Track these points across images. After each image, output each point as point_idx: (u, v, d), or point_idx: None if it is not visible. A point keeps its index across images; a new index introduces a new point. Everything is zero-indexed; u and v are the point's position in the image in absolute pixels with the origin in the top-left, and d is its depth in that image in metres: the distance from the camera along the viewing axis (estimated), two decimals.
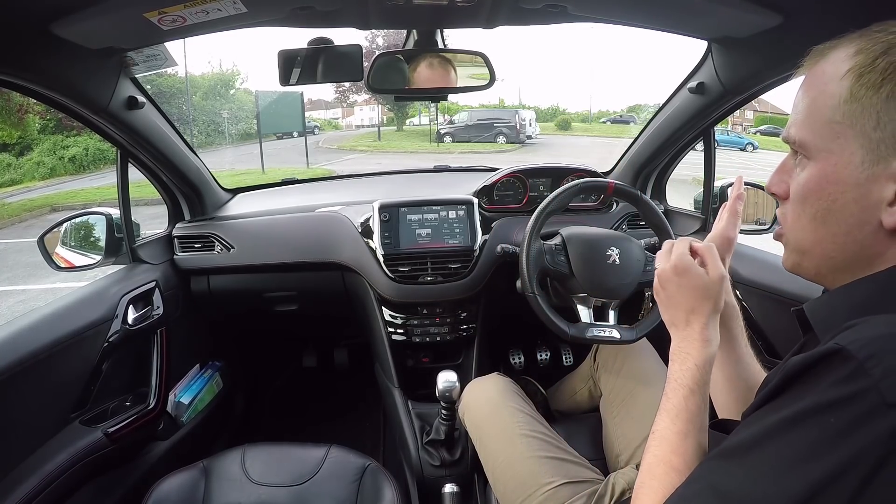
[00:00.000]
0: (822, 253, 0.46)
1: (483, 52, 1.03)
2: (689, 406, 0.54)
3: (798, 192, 0.46)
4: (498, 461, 0.89)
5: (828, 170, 0.43)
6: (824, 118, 0.43)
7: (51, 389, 0.98)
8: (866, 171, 0.41)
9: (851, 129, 0.41)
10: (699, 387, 0.55)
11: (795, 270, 0.50)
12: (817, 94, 0.44)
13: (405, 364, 1.41)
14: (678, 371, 0.56)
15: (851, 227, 0.43)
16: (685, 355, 0.57)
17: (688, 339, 0.58)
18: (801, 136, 0.45)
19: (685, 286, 0.59)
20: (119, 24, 0.81)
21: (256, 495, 0.91)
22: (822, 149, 0.43)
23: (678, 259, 0.60)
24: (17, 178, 11.43)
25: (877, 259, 0.43)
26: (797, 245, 0.49)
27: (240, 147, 14.11)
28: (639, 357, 1.04)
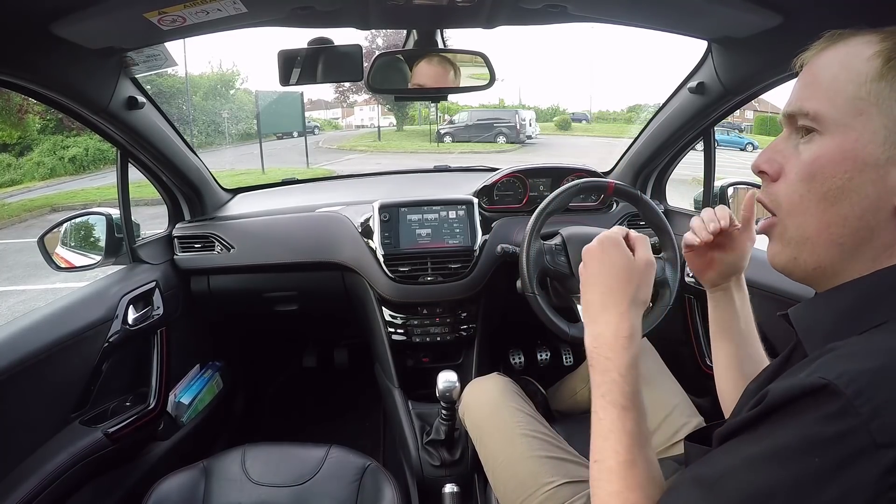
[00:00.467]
0: (830, 239, 0.42)
1: (483, 52, 1.03)
2: (627, 426, 0.49)
3: (805, 168, 0.43)
4: (498, 461, 0.89)
5: (846, 145, 0.41)
6: (847, 94, 0.41)
7: (51, 389, 0.98)
8: (887, 152, 0.39)
9: (877, 107, 0.40)
10: (630, 400, 0.50)
11: (789, 268, 0.46)
12: (839, 71, 0.42)
13: (405, 364, 1.41)
14: (602, 384, 0.51)
15: (865, 209, 0.40)
16: (604, 361, 0.52)
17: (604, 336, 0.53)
18: (817, 108, 0.42)
19: (607, 263, 0.55)
20: (119, 24, 0.81)
21: (256, 495, 0.91)
22: (841, 123, 0.41)
23: (606, 235, 0.57)
24: (17, 179, 11.43)
25: (885, 251, 0.41)
26: (799, 232, 0.44)
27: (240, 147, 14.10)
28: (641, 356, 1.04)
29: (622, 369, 0.51)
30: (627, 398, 0.50)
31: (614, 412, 0.49)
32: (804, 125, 0.43)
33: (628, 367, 0.51)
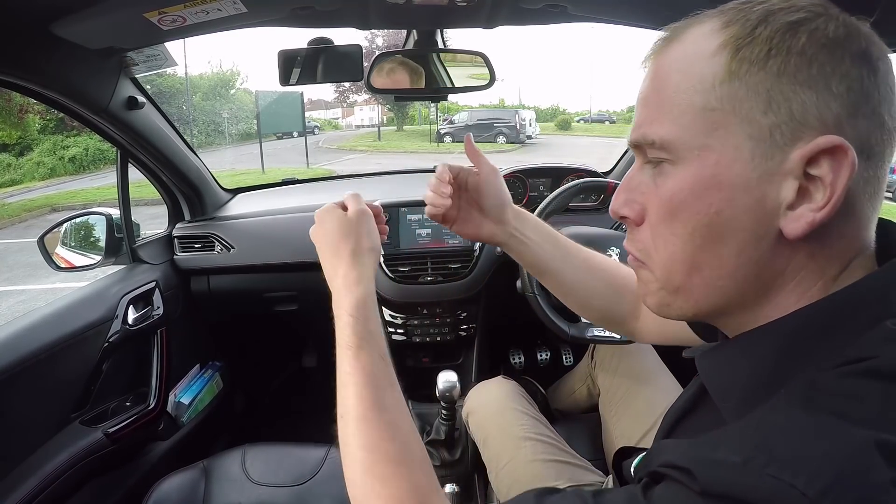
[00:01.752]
0: (706, 284, 0.35)
1: (483, 52, 1.03)
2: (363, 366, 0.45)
3: (664, 207, 0.35)
4: (502, 464, 0.89)
5: (705, 172, 0.33)
6: (694, 106, 0.33)
7: (51, 389, 0.98)
8: (758, 167, 0.31)
9: (734, 115, 0.32)
10: (363, 338, 0.47)
11: (663, 313, 0.39)
12: (680, 80, 0.34)
13: (405, 364, 1.41)
14: (338, 332, 0.49)
15: (744, 244, 0.33)
16: (338, 311, 0.50)
17: (335, 288, 0.52)
18: (662, 135, 0.34)
19: (326, 232, 0.55)
20: (119, 24, 0.81)
21: (256, 495, 0.91)
22: (694, 146, 0.33)
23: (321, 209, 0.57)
24: (17, 179, 11.44)
25: (776, 280, 0.34)
26: (667, 279, 0.37)
27: (240, 147, 14.12)
28: (636, 355, 1.04)
29: (352, 309, 0.49)
30: (361, 337, 0.47)
31: (349, 353, 0.46)
32: (654, 156, 0.36)
33: (358, 307, 0.49)
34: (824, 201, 0.30)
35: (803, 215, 0.31)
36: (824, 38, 0.31)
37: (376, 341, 0.48)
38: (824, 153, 0.30)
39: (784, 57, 0.31)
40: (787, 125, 0.31)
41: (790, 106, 0.31)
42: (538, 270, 0.67)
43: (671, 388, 0.97)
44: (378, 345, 0.48)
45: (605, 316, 0.69)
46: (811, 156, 0.30)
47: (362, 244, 0.54)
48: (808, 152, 0.30)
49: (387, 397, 0.45)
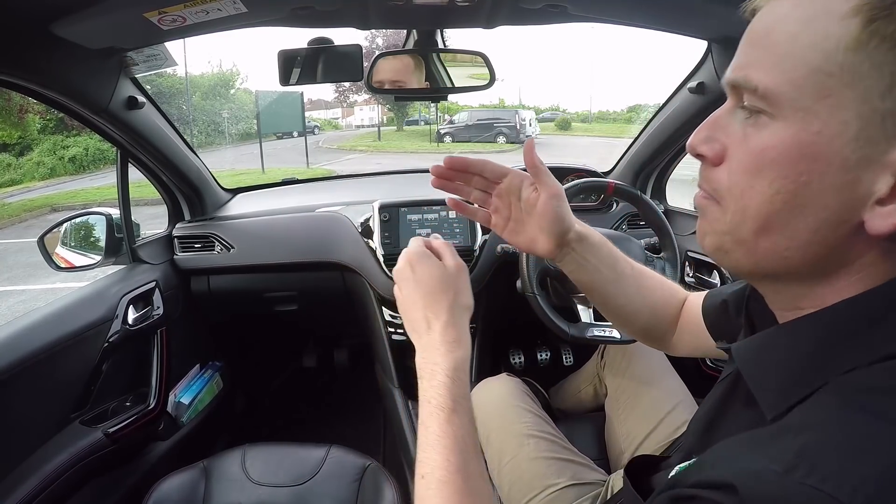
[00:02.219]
0: (772, 249, 0.33)
1: (483, 52, 1.03)
2: (455, 431, 0.44)
3: (751, 159, 0.33)
4: (504, 461, 0.89)
5: (804, 137, 0.30)
6: (811, 64, 0.30)
7: (51, 389, 0.98)
8: (860, 150, 0.29)
9: (850, 88, 0.29)
10: (458, 402, 0.46)
11: (717, 257, 0.37)
12: (801, 29, 0.30)
13: (405, 364, 1.41)
14: (429, 389, 0.47)
15: (822, 223, 0.31)
16: (432, 367, 0.47)
17: (430, 344, 0.49)
18: (768, 83, 0.31)
19: (421, 280, 0.51)
20: (119, 24, 0.81)
21: (256, 495, 0.91)
22: (799, 106, 0.30)
23: (411, 252, 0.53)
24: (17, 178, 11.44)
25: (842, 268, 0.32)
26: (736, 230, 0.35)
27: (240, 147, 14.12)
28: (645, 357, 1.04)
29: (450, 371, 0.47)
30: (455, 399, 0.45)
31: (442, 416, 0.45)
32: (751, 104, 0.33)
33: (456, 370, 0.47)
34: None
35: (892, 214, 0.29)
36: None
37: (468, 403, 0.47)
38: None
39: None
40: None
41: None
42: (588, 289, 0.65)
43: (677, 390, 0.97)
44: (469, 407, 0.47)
45: (646, 332, 0.69)
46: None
47: (461, 300, 0.51)
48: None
49: (471, 464, 0.44)
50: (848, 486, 0.24)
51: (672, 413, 0.92)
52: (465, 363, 0.48)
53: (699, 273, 1.25)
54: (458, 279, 0.52)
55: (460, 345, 0.49)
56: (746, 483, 0.26)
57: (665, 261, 1.12)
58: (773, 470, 0.26)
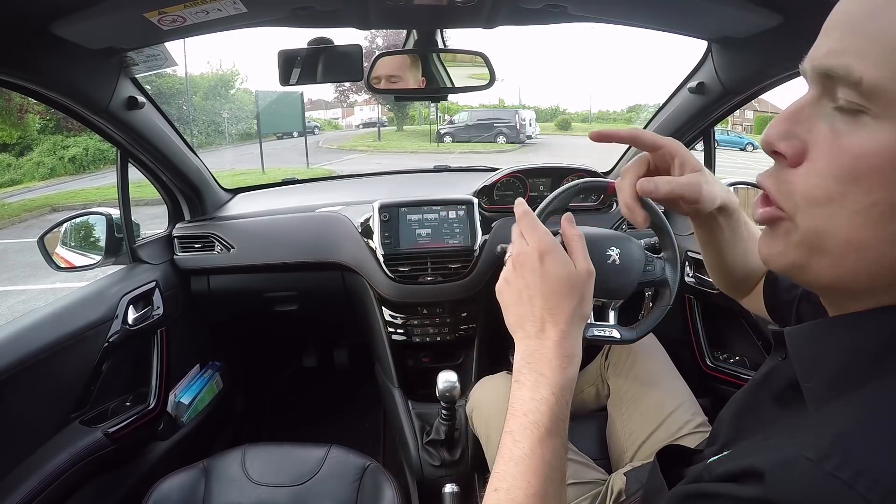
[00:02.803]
0: (860, 263, 0.30)
1: (483, 52, 1.03)
2: (545, 453, 0.41)
3: (845, 163, 0.29)
4: None
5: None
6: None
7: (51, 389, 0.98)
8: None
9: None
10: (557, 424, 0.42)
11: (792, 272, 0.34)
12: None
13: (405, 364, 1.41)
14: (528, 402, 0.43)
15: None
16: (538, 377, 0.43)
17: (540, 351, 0.45)
18: (875, 76, 0.27)
19: (548, 275, 0.45)
20: (119, 24, 0.81)
21: (256, 495, 0.91)
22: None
23: (544, 239, 0.47)
24: (17, 178, 11.44)
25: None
26: (816, 242, 0.31)
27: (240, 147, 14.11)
28: (649, 358, 1.05)
29: (556, 389, 0.43)
30: (554, 421, 0.42)
31: (536, 434, 0.41)
32: (849, 100, 0.28)
33: (563, 389, 0.43)
34: None
35: None
36: None
37: (565, 426, 0.43)
38: None
39: None
40: None
41: None
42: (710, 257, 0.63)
43: (680, 391, 0.97)
44: (564, 431, 0.43)
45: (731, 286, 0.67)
46: None
47: (583, 309, 0.46)
48: None
49: (551, 492, 0.41)
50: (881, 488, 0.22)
51: (674, 413, 0.92)
52: (573, 382, 0.44)
53: (699, 273, 1.25)
54: (585, 286, 0.47)
55: (573, 361, 0.45)
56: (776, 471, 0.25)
57: (665, 261, 1.12)
58: (807, 458, 0.24)
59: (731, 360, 1.24)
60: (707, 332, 1.28)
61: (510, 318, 0.48)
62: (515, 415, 0.43)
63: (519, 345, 0.47)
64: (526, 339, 0.46)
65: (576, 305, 0.46)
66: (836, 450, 0.24)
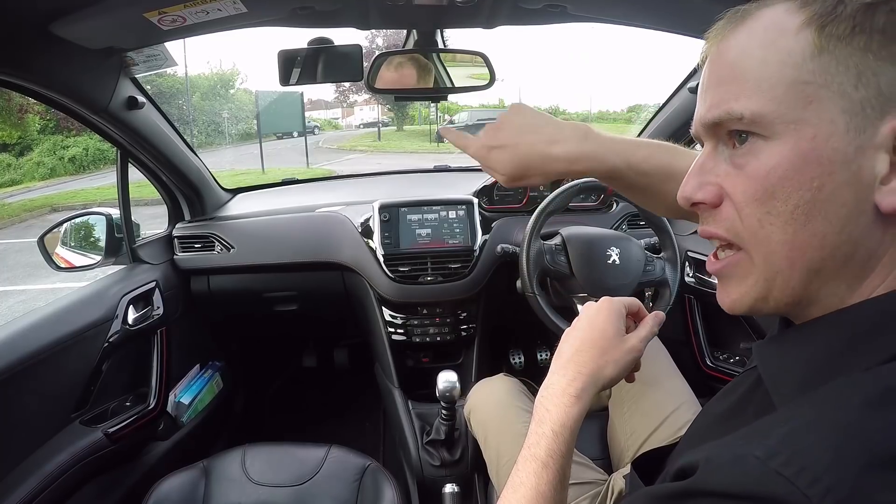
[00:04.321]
0: (806, 266, 0.34)
1: (483, 52, 1.03)
2: (541, 486, 0.45)
3: (759, 186, 0.34)
4: (503, 461, 0.89)
5: (803, 146, 0.32)
6: (786, 80, 0.32)
7: (51, 389, 0.98)
8: (853, 141, 0.31)
9: (827, 89, 0.31)
10: (554, 459, 0.46)
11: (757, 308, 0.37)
12: (765, 54, 0.33)
13: (405, 364, 1.41)
14: (533, 434, 0.48)
15: (846, 220, 0.32)
16: (544, 413, 0.49)
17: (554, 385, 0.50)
18: (753, 108, 0.33)
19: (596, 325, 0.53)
20: (119, 24, 0.81)
21: (256, 495, 0.91)
22: (790, 119, 0.32)
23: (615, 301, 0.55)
24: (17, 179, 11.44)
25: (869, 261, 0.33)
26: (767, 263, 0.35)
27: (240, 147, 14.11)
28: (650, 358, 1.04)
29: (556, 426, 0.47)
30: (551, 456, 0.46)
31: (533, 466, 0.46)
32: (738, 130, 0.35)
33: (563, 426, 0.47)
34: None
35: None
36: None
37: (563, 462, 0.47)
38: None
39: (868, 35, 0.31)
40: (877, 99, 0.31)
41: (878, 81, 0.31)
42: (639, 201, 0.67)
43: (681, 391, 0.97)
44: (563, 466, 0.47)
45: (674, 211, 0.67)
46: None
47: (606, 372, 0.50)
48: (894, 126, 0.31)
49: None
50: (822, 485, 0.24)
51: (675, 413, 0.92)
52: (575, 422, 0.48)
53: (699, 273, 1.25)
54: (624, 356, 0.51)
55: (578, 402, 0.48)
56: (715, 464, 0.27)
57: (665, 261, 1.12)
58: (755, 455, 0.26)
59: (731, 360, 1.24)
60: (707, 332, 1.28)
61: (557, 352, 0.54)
62: (525, 445, 0.48)
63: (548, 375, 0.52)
64: (551, 373, 0.52)
65: (601, 366, 0.50)
66: (783, 448, 0.26)
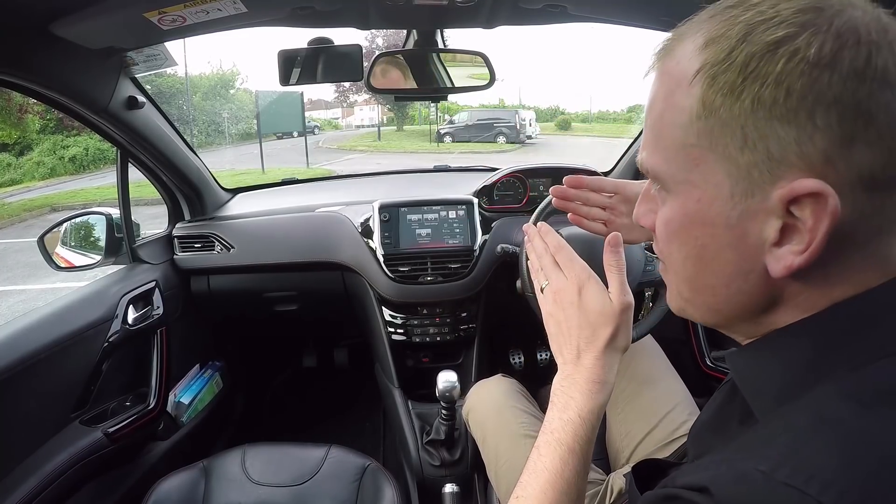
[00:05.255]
0: (705, 304, 0.36)
1: (483, 52, 1.03)
2: (566, 472, 0.44)
3: (662, 230, 0.36)
4: (501, 462, 0.89)
5: (690, 207, 0.33)
6: (677, 141, 0.32)
7: (51, 389, 0.98)
8: (738, 205, 0.31)
9: (711, 152, 0.31)
10: (581, 445, 0.45)
11: (683, 314, 0.40)
12: (664, 109, 0.33)
13: (405, 364, 1.41)
14: (557, 420, 0.47)
15: (731, 276, 0.33)
16: (567, 400, 0.47)
17: (574, 376, 0.48)
18: (652, 165, 0.35)
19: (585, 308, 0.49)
20: (119, 24, 0.81)
21: (256, 495, 0.91)
22: (679, 181, 0.33)
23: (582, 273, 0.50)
24: (17, 178, 11.43)
25: (774, 304, 0.33)
26: (678, 289, 0.39)
27: (240, 147, 14.10)
28: (647, 357, 1.05)
29: (584, 412, 0.46)
30: (578, 441, 0.45)
31: (559, 451, 0.45)
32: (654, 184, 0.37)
33: (591, 413, 0.46)
34: (804, 245, 0.29)
35: (784, 257, 0.30)
36: (804, 62, 0.27)
37: (588, 448, 0.46)
38: (805, 196, 0.28)
39: (759, 88, 0.28)
40: (765, 164, 0.29)
41: (766, 144, 0.28)
42: None
43: (677, 391, 0.97)
44: (589, 453, 0.46)
45: None
46: (791, 198, 0.28)
47: (618, 341, 0.49)
48: (787, 195, 0.28)
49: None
50: (834, 490, 0.23)
51: (671, 413, 0.92)
52: (601, 409, 0.47)
53: None
54: (621, 316, 0.49)
55: (603, 388, 0.47)
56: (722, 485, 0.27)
57: None
58: (760, 470, 0.26)
59: None
60: (707, 332, 1.28)
61: (553, 345, 0.52)
62: (544, 432, 0.48)
63: (559, 369, 0.50)
64: (564, 364, 0.50)
65: (611, 335, 0.48)
66: (786, 459, 0.25)
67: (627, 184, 0.66)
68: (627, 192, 0.65)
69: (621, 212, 0.66)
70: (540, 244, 0.55)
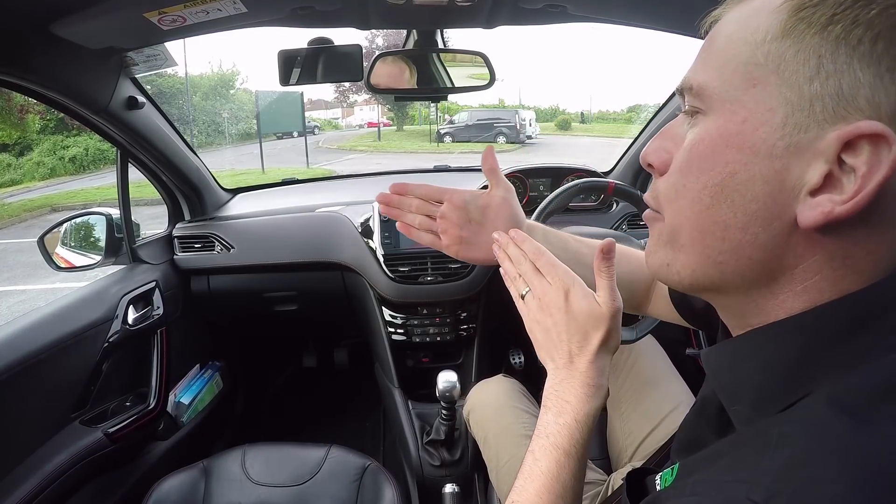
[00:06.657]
0: (705, 253, 0.33)
1: (483, 52, 1.03)
2: (563, 476, 0.43)
3: (683, 156, 0.33)
4: (502, 462, 0.90)
5: (731, 128, 0.30)
6: (739, 58, 0.30)
7: (51, 389, 0.98)
8: (787, 137, 0.28)
9: (776, 74, 0.29)
10: (577, 448, 0.45)
11: (662, 274, 0.37)
12: (735, 30, 0.31)
13: (405, 364, 1.41)
14: (552, 425, 0.46)
15: (751, 217, 0.30)
16: (563, 404, 0.46)
17: (568, 381, 0.47)
18: (700, 81, 0.32)
19: (573, 313, 0.47)
20: (119, 24, 0.81)
21: (256, 495, 0.91)
22: (727, 98, 0.31)
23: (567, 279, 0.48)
24: (17, 179, 11.44)
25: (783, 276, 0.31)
26: (673, 232, 0.35)
27: (240, 147, 14.11)
28: (649, 358, 1.04)
29: (580, 416, 0.45)
30: (575, 445, 0.44)
31: (555, 455, 0.44)
32: (690, 104, 0.34)
33: (587, 416, 0.45)
34: (851, 194, 0.27)
35: (821, 204, 0.28)
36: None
37: (584, 452, 0.45)
38: (865, 139, 0.26)
39: (849, 25, 0.26)
40: (832, 99, 0.27)
41: (840, 80, 0.27)
42: None
43: (680, 391, 0.97)
44: (584, 457, 0.46)
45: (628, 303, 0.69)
46: (849, 139, 0.27)
47: (610, 341, 0.48)
48: (846, 134, 0.27)
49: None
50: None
51: (673, 413, 0.92)
52: (597, 412, 0.46)
53: None
54: (611, 320, 0.47)
55: (598, 392, 0.46)
56: None
57: None
58: (752, 500, 0.24)
59: None
60: (708, 333, 1.28)
61: (541, 352, 0.51)
62: (539, 436, 0.47)
63: (549, 374, 0.49)
64: (556, 369, 0.49)
65: (602, 338, 0.47)
66: (782, 485, 0.24)
67: (455, 192, 0.62)
68: (455, 199, 0.61)
69: (453, 221, 0.61)
70: (515, 251, 0.53)
